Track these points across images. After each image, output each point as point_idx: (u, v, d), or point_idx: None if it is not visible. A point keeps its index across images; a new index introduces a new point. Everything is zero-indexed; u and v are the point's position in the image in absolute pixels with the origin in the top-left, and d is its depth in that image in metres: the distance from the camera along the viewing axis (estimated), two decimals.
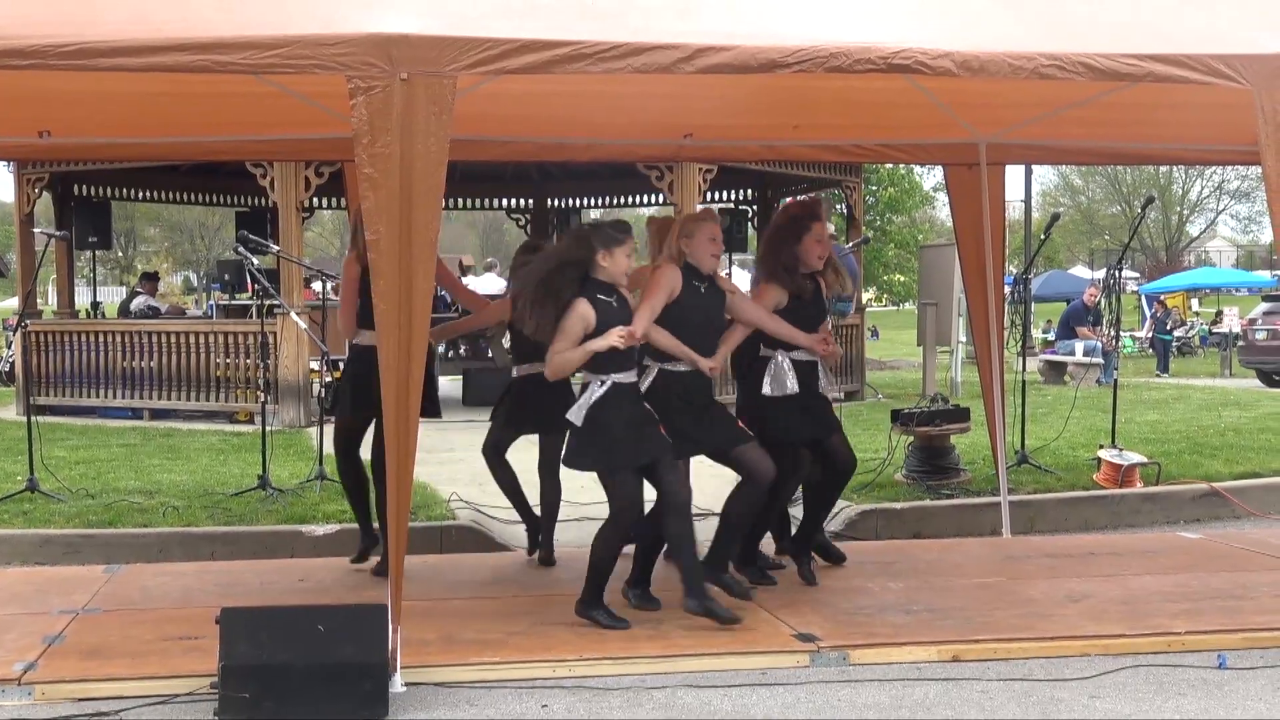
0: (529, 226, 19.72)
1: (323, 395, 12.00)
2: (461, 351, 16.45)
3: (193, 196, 18.77)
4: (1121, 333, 18.85)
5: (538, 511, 7.22)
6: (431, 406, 6.74)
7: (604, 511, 5.79)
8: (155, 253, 59.39)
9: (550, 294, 5.61)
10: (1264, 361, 21.86)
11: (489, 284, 16.81)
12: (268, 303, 10.80)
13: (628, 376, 5.74)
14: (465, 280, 13.70)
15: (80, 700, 4.85)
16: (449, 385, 16.65)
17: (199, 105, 6.90)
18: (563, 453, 5.99)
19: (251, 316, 13.65)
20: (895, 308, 48.03)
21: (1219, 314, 31.22)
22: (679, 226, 6.14)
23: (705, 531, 7.39)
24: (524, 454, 7.21)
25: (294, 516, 8.03)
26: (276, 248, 12.23)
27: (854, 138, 8.38)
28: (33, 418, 9.08)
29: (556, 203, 19.42)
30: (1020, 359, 11.09)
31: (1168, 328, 28.78)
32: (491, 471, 7.27)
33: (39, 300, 14.28)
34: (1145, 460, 9.51)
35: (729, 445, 6.04)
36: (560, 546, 7.16)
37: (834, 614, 5.96)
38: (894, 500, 8.71)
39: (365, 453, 6.68)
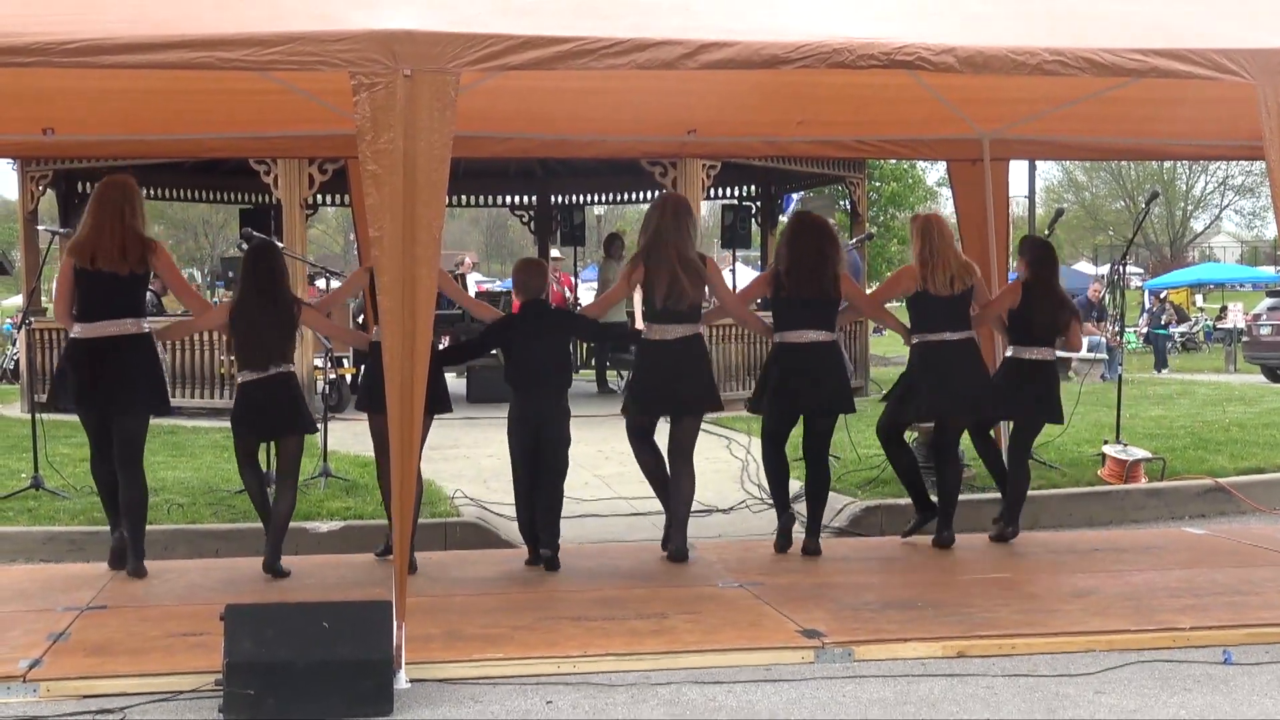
0: (532, 223, 19.70)
1: (327, 392, 12.01)
2: None
3: (196, 194, 18.75)
4: (1126, 328, 18.79)
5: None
6: (441, 403, 6.78)
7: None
8: None
9: None
10: (1268, 357, 21.84)
11: (468, 282, 16.75)
12: None
13: None
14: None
15: (85, 697, 4.85)
16: (454, 382, 16.63)
17: (202, 102, 6.91)
18: None
19: None
20: (899, 303, 47.88)
21: (1223, 309, 31.19)
22: None
23: (702, 528, 7.39)
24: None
25: (299, 513, 7.98)
26: (280, 245, 12.19)
27: (857, 133, 8.39)
28: (37, 415, 9.07)
29: (560, 199, 19.40)
30: None
31: (1162, 322, 28.69)
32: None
33: (43, 298, 14.23)
34: (1150, 456, 9.50)
35: None
36: (563, 544, 7.14)
37: (839, 610, 5.95)
38: (898, 496, 8.70)
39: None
